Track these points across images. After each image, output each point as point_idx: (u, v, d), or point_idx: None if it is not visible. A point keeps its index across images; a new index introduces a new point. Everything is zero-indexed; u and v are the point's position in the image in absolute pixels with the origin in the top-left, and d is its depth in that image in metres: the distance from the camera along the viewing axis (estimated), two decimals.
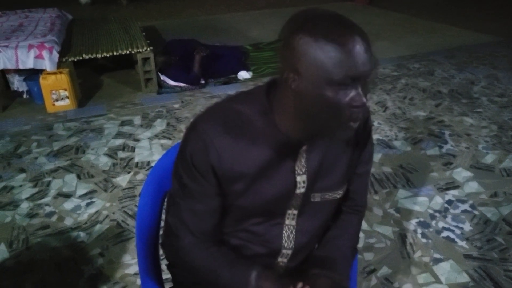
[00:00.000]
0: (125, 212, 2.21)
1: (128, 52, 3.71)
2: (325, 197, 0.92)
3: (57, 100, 3.40)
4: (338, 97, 0.73)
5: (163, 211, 1.09)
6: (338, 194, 0.94)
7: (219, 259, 0.90)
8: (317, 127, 0.79)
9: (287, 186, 0.88)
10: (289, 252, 0.95)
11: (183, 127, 3.13)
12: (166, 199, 0.95)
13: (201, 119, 0.86)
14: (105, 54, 3.66)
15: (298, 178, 0.87)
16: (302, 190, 0.89)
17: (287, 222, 0.93)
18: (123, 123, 3.22)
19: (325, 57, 0.70)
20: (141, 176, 2.52)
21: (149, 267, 1.12)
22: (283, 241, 0.94)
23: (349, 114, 0.75)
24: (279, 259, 0.96)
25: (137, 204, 2.15)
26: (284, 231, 0.93)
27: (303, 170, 0.87)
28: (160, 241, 0.98)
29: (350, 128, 0.78)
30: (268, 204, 0.89)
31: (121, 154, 2.78)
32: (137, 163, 2.67)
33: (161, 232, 1.03)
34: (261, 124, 0.83)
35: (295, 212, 0.92)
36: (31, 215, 2.20)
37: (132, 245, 1.97)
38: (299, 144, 0.85)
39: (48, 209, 2.24)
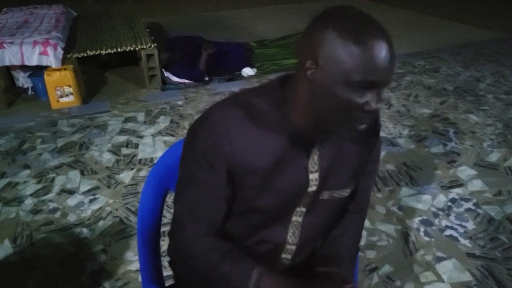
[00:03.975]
0: (128, 208, 2.22)
1: (132, 48, 3.71)
2: (333, 195, 0.92)
3: (61, 97, 3.41)
4: (352, 98, 0.72)
5: (165, 207, 1.09)
6: (346, 192, 0.94)
7: (222, 254, 0.87)
8: (324, 122, 0.78)
9: (299, 183, 0.86)
10: (293, 248, 0.95)
11: (186, 124, 3.14)
12: (175, 189, 0.92)
13: (214, 109, 0.84)
14: (109, 51, 3.67)
15: (311, 176, 0.86)
16: (314, 188, 0.88)
17: (294, 219, 0.92)
18: (126, 120, 3.23)
19: (350, 56, 0.70)
20: (144, 172, 2.53)
21: (150, 264, 1.12)
22: (288, 237, 0.93)
23: (358, 116, 0.75)
24: (283, 255, 0.96)
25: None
26: (290, 227, 0.93)
27: (316, 168, 0.86)
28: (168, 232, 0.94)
29: (356, 130, 0.78)
30: (280, 202, 0.87)
31: (125, 151, 2.79)
32: (140, 159, 2.68)
33: (163, 230, 1.02)
34: (275, 116, 0.82)
35: (303, 209, 0.91)
36: (35, 211, 2.21)
37: (135, 242, 1.97)
38: (312, 140, 0.84)
39: (51, 205, 2.26)
